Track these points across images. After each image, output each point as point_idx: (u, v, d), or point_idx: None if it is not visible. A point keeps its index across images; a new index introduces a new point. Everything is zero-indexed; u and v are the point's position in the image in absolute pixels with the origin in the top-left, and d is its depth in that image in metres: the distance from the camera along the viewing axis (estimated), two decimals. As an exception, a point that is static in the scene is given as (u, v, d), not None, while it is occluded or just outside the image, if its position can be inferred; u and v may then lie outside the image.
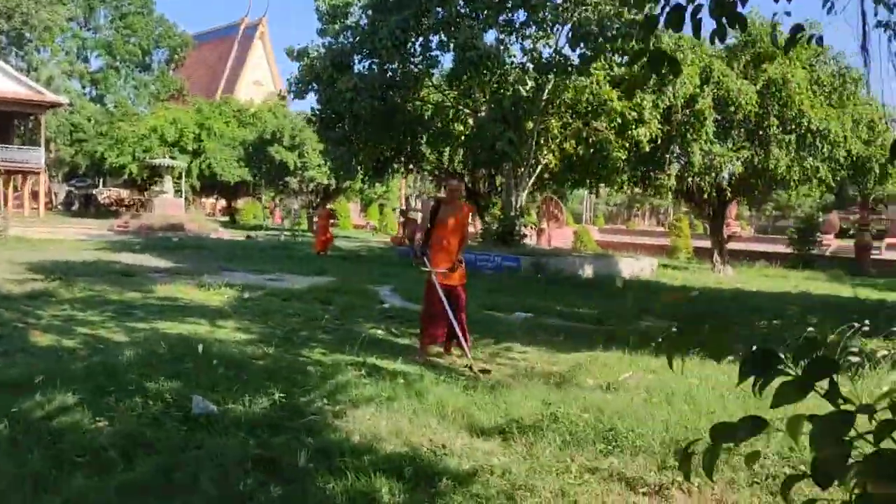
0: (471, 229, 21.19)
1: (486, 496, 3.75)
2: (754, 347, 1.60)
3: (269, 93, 62.69)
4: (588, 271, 16.62)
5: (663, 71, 2.48)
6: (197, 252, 20.30)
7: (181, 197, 34.07)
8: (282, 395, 5.09)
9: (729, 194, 21.57)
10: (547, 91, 17.34)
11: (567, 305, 11.73)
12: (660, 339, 6.36)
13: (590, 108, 17.68)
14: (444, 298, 7.29)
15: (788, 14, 6.09)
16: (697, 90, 18.74)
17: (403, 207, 22.60)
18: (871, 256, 25.62)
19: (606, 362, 7.19)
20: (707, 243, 31.64)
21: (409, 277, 15.08)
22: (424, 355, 7.26)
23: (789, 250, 27.97)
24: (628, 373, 6.71)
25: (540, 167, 18.89)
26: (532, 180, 19.09)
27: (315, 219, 22.31)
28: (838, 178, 20.97)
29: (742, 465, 4.09)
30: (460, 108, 19.07)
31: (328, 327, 8.76)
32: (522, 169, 18.52)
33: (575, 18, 15.67)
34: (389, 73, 17.03)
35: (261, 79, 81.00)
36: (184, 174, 36.11)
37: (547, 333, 9.24)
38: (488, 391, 5.69)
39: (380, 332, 8.56)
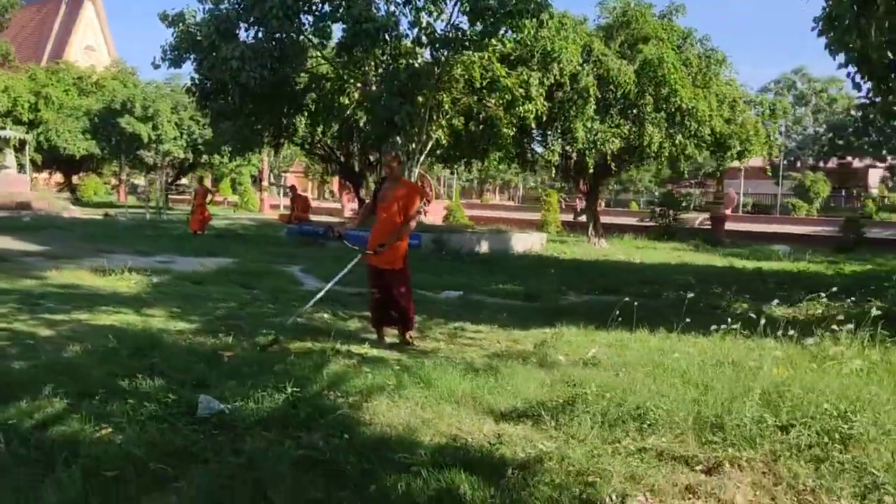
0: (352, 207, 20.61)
1: (563, 484, 3.67)
2: None
3: (112, 60, 58.47)
4: (485, 247, 16.80)
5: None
6: (60, 233, 18.62)
7: (24, 173, 31.05)
8: (295, 389, 4.74)
9: (614, 168, 22.44)
10: (441, 65, 17.22)
11: (488, 282, 11.78)
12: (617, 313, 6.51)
13: (483, 84, 17.75)
14: (370, 279, 7.08)
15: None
16: (580, 68, 19.29)
17: (293, 184, 21.75)
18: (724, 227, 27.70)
19: (569, 339, 7.28)
20: (568, 217, 33.03)
21: (311, 257, 14.64)
22: (383, 338, 7.04)
23: (642, 223, 29.59)
24: (593, 348, 6.82)
25: (431, 143, 18.78)
26: (422, 157, 18.96)
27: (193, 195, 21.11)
28: (702, 154, 22.37)
29: (783, 436, 4.25)
30: (349, 80, 18.56)
31: (267, 312, 8.30)
32: (414, 145, 18.34)
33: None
34: (278, 43, 16.25)
35: (93, 44, 75.44)
36: (28, 147, 32.93)
37: (488, 311, 9.23)
38: (489, 373, 5.58)
39: (326, 315, 8.20)
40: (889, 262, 19.70)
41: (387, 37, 15.53)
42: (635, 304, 10.12)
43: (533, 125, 18.91)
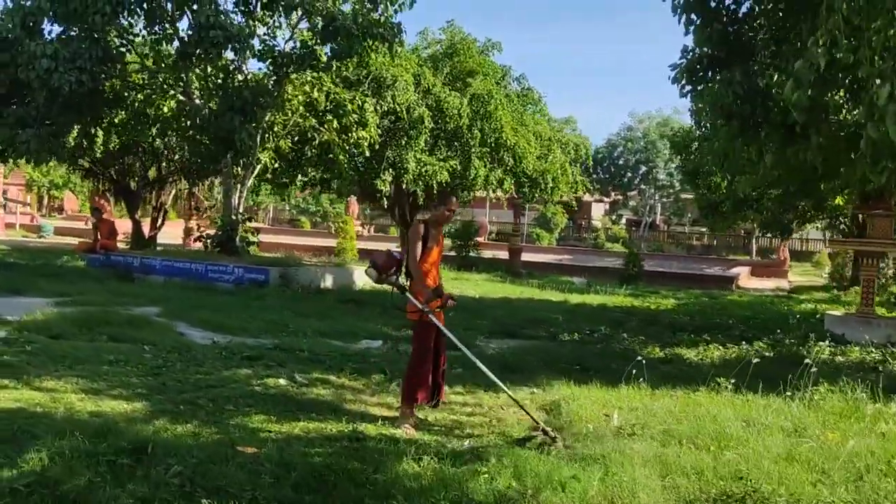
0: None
1: None
2: None
3: None
4: (329, 281, 15.64)
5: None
6: None
7: None
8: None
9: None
10: (282, 84, 15.85)
11: (385, 325, 10.82)
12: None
13: (327, 107, 16.65)
14: (429, 341, 5.90)
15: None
16: (414, 97, 18.92)
17: (96, 206, 18.57)
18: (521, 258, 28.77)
19: (578, 399, 6.71)
20: (364, 244, 32.45)
21: (146, 295, 12.58)
22: (409, 421, 5.70)
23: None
24: (611, 412, 6.35)
25: (259, 167, 17.20)
26: (250, 181, 17.28)
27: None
28: (523, 190, 23.05)
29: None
30: (173, 90, 16.40)
31: (196, 377, 6.74)
32: (241, 169, 16.66)
33: (326, 10, 14.50)
34: (98, 43, 13.82)
35: None
36: None
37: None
38: (574, 460, 4.83)
39: (282, 381, 6.83)
40: (689, 294, 21.61)
41: (234, 48, 13.91)
42: (563, 350, 9.95)
43: (367, 153, 18.11)
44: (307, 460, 4.53)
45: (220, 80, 15.56)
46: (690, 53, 12.43)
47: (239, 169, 16.70)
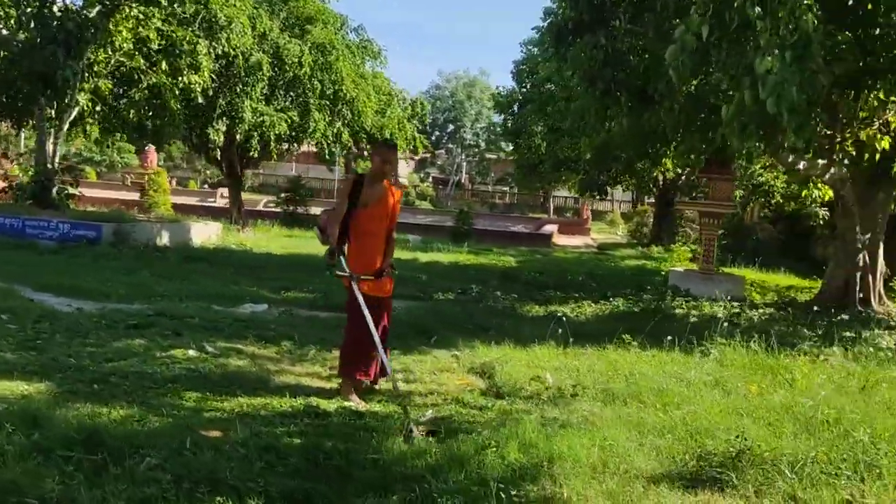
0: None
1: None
2: None
3: None
4: (166, 238, 14.34)
5: None
6: None
7: None
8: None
9: (276, 153, 21.03)
10: (107, 18, 14.10)
11: (258, 286, 10.10)
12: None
13: (160, 46, 15.07)
14: (368, 315, 5.15)
15: None
16: (251, 42, 17.67)
17: None
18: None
19: (511, 361, 6.60)
20: (181, 199, 30.38)
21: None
22: (351, 393, 5.25)
23: (266, 208, 28.71)
24: (545, 373, 6.33)
25: (77, 109, 15.27)
26: (66, 127, 15.30)
27: None
28: (361, 144, 22.44)
29: None
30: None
31: (109, 355, 5.81)
32: (54, 111, 14.70)
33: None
34: None
35: None
36: None
37: (325, 328, 7.86)
38: (558, 428, 4.71)
39: (191, 352, 6.07)
40: (506, 252, 22.33)
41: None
42: (452, 310, 9.83)
43: (200, 99, 16.71)
44: (288, 442, 4.06)
45: (34, 9, 13.53)
46: (555, 16, 12.60)
47: (53, 111, 14.75)
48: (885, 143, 10.51)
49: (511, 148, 35.43)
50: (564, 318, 9.83)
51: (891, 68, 9.56)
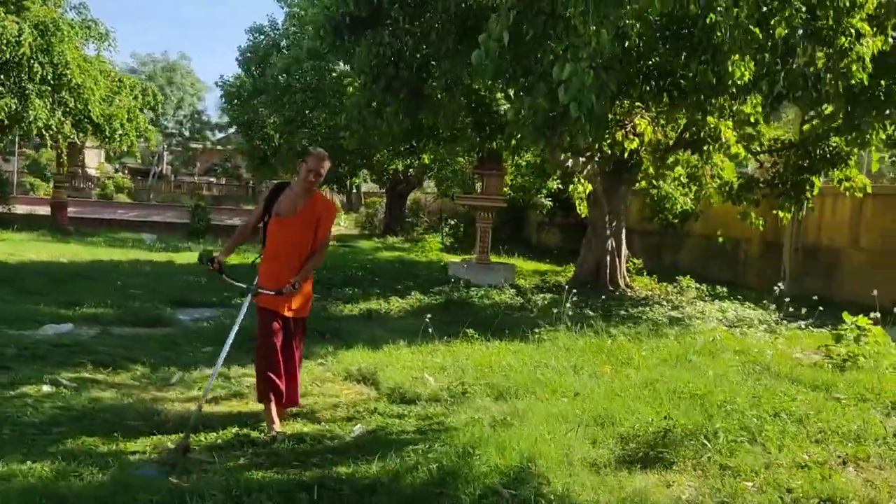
0: None
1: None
2: None
3: None
4: None
5: None
6: None
7: None
8: None
9: None
10: None
11: (24, 302, 8.81)
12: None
13: None
14: (268, 331, 4.90)
15: None
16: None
17: None
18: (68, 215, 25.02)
19: (382, 365, 6.58)
20: None
21: None
22: (273, 423, 4.83)
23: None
24: (423, 374, 6.48)
25: None
26: None
27: None
28: (82, 136, 20.04)
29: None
30: None
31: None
32: None
33: None
34: None
35: None
36: None
37: (161, 346, 7.16)
38: (496, 428, 4.89)
39: (45, 388, 5.19)
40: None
41: None
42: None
43: None
44: (272, 481, 3.79)
45: None
46: (332, 9, 12.58)
47: None
48: (634, 144, 12.11)
49: (218, 137, 34.04)
50: (383, 313, 10.10)
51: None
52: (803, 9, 7.71)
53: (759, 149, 13.32)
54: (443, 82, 11.58)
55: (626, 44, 9.23)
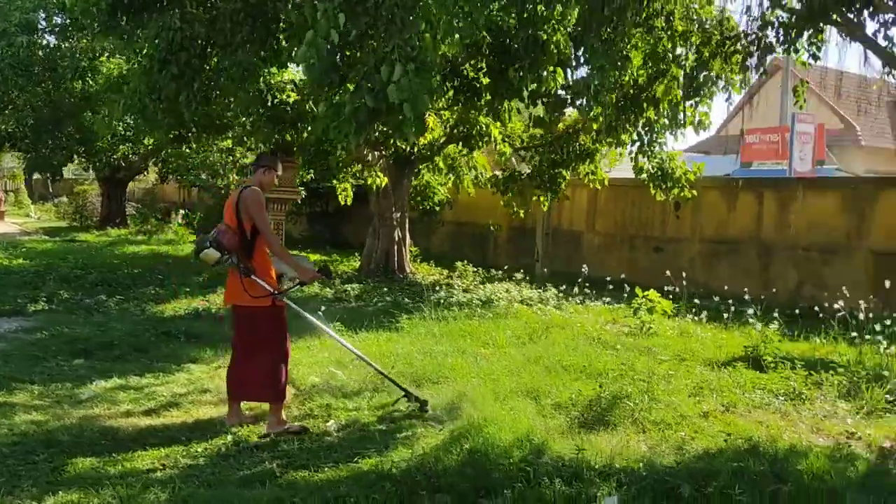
0: None
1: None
2: None
3: None
4: None
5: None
6: None
7: None
8: None
9: None
10: None
11: None
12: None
13: None
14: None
15: None
16: None
17: None
18: None
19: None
20: None
21: None
22: (283, 425, 5.00)
23: None
24: (329, 368, 6.63)
25: None
26: None
27: None
28: None
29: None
30: None
31: None
32: None
33: None
34: None
35: None
36: None
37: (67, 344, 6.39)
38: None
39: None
40: None
41: None
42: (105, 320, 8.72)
43: None
44: (336, 479, 3.91)
45: None
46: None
47: None
48: (428, 139, 12.91)
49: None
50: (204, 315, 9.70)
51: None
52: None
53: (519, 145, 14.92)
54: (237, 73, 11.33)
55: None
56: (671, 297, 9.47)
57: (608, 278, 11.56)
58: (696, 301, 9.63)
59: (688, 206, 13.36)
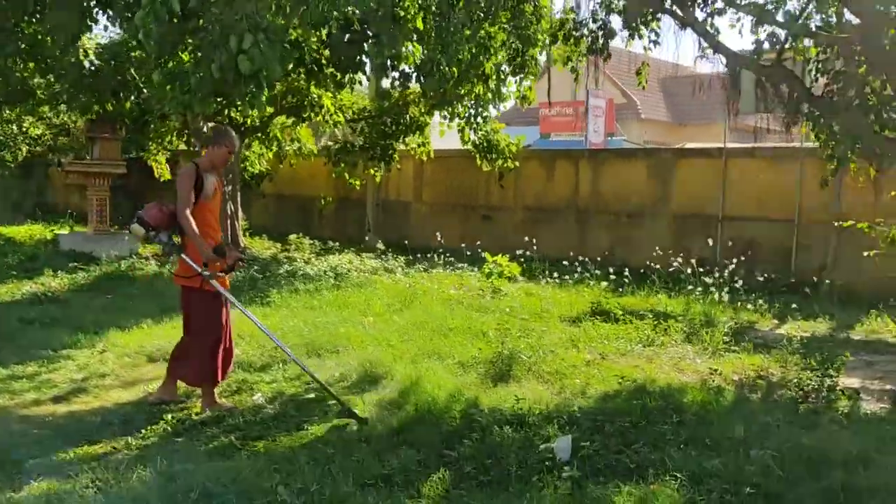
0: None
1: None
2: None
3: None
4: None
5: None
6: None
7: None
8: None
9: None
10: None
11: None
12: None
13: None
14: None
15: None
16: None
17: None
18: None
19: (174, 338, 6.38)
20: None
21: None
22: (219, 399, 4.97)
23: None
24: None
25: None
26: None
27: None
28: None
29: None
30: None
31: None
32: None
33: None
34: None
35: None
36: None
37: None
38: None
39: None
40: None
41: None
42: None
43: None
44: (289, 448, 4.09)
45: None
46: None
47: None
48: (271, 110, 12.69)
49: None
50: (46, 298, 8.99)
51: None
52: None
53: (351, 116, 15.04)
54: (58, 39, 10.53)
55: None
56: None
57: (441, 247, 12.11)
58: (524, 264, 10.56)
59: (510, 175, 14.25)
